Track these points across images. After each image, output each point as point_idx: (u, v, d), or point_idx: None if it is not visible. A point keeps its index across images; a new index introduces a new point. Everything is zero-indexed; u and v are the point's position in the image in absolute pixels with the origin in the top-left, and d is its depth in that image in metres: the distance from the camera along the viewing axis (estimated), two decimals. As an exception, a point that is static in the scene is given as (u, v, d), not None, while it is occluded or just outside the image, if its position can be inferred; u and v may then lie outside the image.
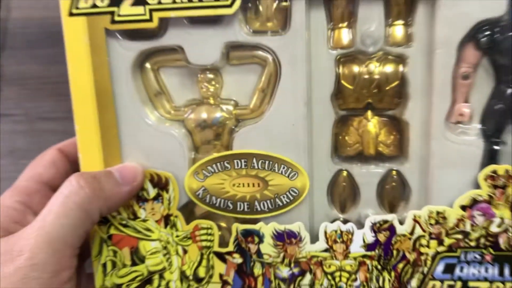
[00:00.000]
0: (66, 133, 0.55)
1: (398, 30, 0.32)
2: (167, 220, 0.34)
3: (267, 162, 0.33)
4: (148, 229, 0.35)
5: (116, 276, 0.36)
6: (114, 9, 0.32)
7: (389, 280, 0.34)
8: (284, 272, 0.34)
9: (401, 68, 0.33)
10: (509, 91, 0.32)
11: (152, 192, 0.34)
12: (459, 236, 0.32)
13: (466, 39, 0.31)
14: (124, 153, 0.34)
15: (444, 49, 0.31)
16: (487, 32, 0.31)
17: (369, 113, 0.34)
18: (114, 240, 0.35)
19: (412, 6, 0.32)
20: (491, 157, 0.32)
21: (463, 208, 0.32)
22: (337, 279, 0.34)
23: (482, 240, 0.32)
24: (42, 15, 0.57)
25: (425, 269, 0.33)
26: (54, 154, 0.37)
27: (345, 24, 0.33)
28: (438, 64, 0.31)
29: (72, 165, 0.37)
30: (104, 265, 0.36)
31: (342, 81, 0.33)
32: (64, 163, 0.37)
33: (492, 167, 0.31)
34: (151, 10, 0.31)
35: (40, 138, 0.57)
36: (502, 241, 0.32)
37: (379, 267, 0.33)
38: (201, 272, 0.35)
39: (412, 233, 0.33)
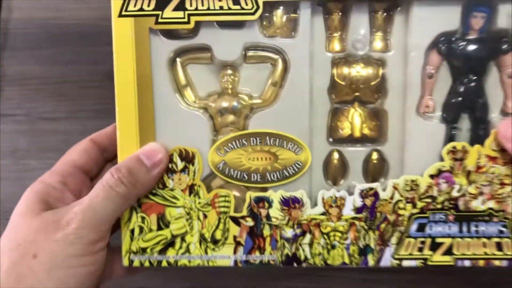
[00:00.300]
0: (67, 133, 0.59)
1: (378, 40, 0.42)
2: (191, 189, 0.41)
3: (277, 139, 0.41)
4: (175, 197, 0.41)
5: (142, 241, 0.41)
6: (159, 12, 0.39)
7: (374, 238, 0.41)
8: (289, 233, 0.41)
9: (381, 69, 0.42)
10: (462, 88, 0.41)
11: (180, 165, 0.41)
12: (428, 200, 0.41)
13: (430, 46, 0.41)
14: (158, 131, 0.41)
15: (415, 53, 0.40)
16: (446, 41, 0.41)
17: (357, 104, 0.43)
18: (144, 207, 0.41)
19: (390, 20, 0.41)
20: (450, 139, 0.41)
21: (431, 177, 0.41)
22: (332, 238, 0.41)
23: (446, 203, 0.41)
24: (43, 16, 0.58)
25: (402, 228, 0.41)
26: (86, 143, 0.44)
27: (338, 34, 0.42)
28: (410, 65, 0.41)
29: (102, 152, 0.44)
30: (132, 231, 0.41)
31: (336, 79, 0.42)
32: (95, 151, 0.44)
33: (452, 143, 0.40)
34: (189, 15, 0.39)
35: (41, 138, 0.59)
36: (461, 203, 0.41)
37: (365, 227, 0.41)
38: (218, 235, 0.41)
39: (392, 198, 0.41)
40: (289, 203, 0.41)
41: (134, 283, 0.58)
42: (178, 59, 0.41)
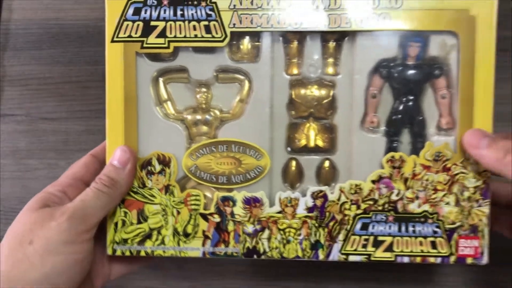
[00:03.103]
0: (67, 133, 0.62)
1: (329, 65, 0.49)
2: (167, 189, 0.48)
3: (241, 147, 0.48)
4: (153, 195, 0.48)
5: (124, 232, 0.48)
6: (144, 39, 0.47)
7: (323, 235, 0.47)
8: (250, 228, 0.48)
9: (332, 90, 0.49)
10: (401, 106, 0.48)
11: (158, 167, 0.48)
12: (371, 202, 0.47)
13: (373, 70, 0.48)
14: (140, 140, 0.48)
15: (359, 76, 0.47)
16: (387, 66, 0.48)
17: (311, 119, 0.50)
18: (126, 203, 0.48)
19: (339, 48, 0.49)
20: (391, 150, 0.48)
21: (373, 182, 0.47)
22: (287, 233, 0.48)
23: (386, 206, 0.47)
24: (44, 16, 0.59)
25: (348, 227, 0.47)
26: (86, 157, 0.50)
27: (295, 59, 0.49)
28: (356, 87, 0.48)
29: (101, 164, 0.50)
30: (116, 224, 0.48)
31: (294, 97, 0.49)
32: (94, 164, 0.50)
33: (391, 154, 0.47)
34: (169, 41, 0.47)
35: (41, 138, 0.62)
36: (399, 206, 0.47)
37: (316, 224, 0.47)
38: (189, 229, 0.48)
39: (339, 199, 0.47)
40: (251, 202, 0.48)
41: (134, 283, 0.63)
42: (160, 78, 0.49)
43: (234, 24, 0.46)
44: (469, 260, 0.47)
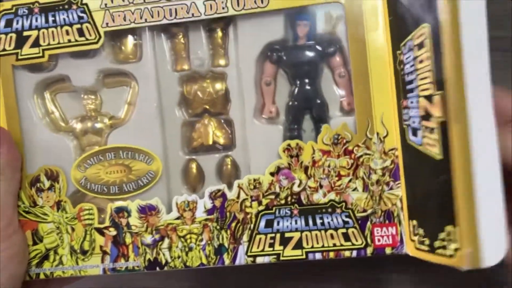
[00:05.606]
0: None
1: (218, 56, 0.46)
2: (58, 205, 0.45)
3: (130, 152, 0.45)
4: (45, 214, 0.45)
5: (21, 256, 0.45)
6: (18, 51, 0.45)
7: (226, 238, 0.44)
8: (148, 239, 0.44)
9: (224, 82, 0.46)
10: (297, 91, 0.45)
11: (47, 183, 0.45)
12: (272, 197, 0.43)
13: (262, 56, 0.44)
14: (27, 155, 0.45)
15: (245, 64, 0.44)
16: (276, 50, 0.44)
17: (206, 115, 0.46)
18: (19, 224, 0.45)
19: (224, 37, 0.46)
20: (292, 139, 0.44)
21: (272, 174, 0.43)
22: (188, 240, 0.44)
23: (289, 198, 0.43)
24: None
25: (252, 226, 0.43)
26: None
27: (182, 54, 0.46)
28: (244, 76, 0.45)
29: None
30: (12, 248, 0.45)
31: (185, 94, 0.46)
32: None
33: (287, 142, 0.43)
34: (43, 50, 0.45)
35: None
36: (303, 197, 0.43)
37: (218, 227, 0.44)
38: (86, 246, 0.45)
39: (238, 197, 0.43)
40: (146, 211, 0.44)
41: (134, 283, 0.61)
42: (46, 92, 0.47)
43: (107, 24, 0.44)
44: (388, 250, 0.43)
